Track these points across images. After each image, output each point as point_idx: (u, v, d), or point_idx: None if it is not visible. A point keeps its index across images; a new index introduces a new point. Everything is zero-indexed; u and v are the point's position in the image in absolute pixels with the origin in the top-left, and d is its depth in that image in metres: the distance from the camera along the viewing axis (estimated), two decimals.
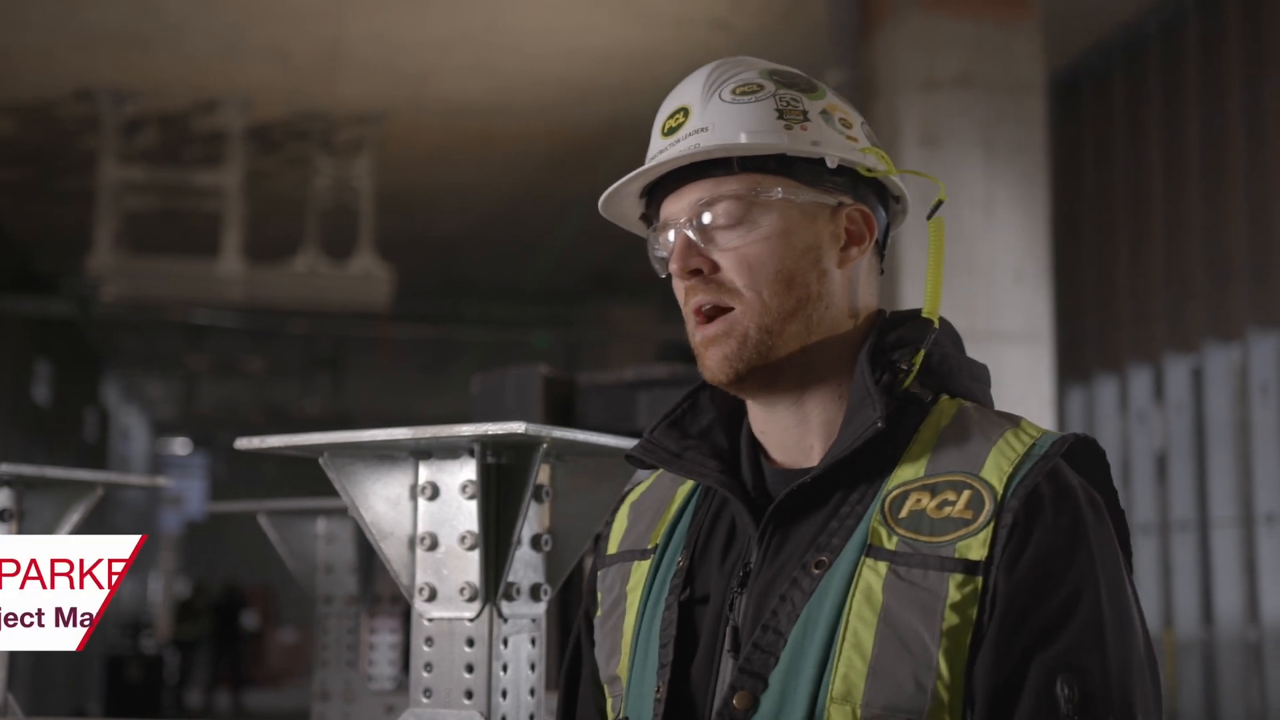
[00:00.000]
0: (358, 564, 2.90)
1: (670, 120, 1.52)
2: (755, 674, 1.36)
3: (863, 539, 1.36)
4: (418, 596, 1.76)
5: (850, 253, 1.49)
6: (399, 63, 10.04)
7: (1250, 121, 8.48)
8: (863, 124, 1.52)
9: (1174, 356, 8.97)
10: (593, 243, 14.96)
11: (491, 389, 3.29)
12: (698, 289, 1.46)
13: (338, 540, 2.93)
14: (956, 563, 1.31)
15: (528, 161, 12.24)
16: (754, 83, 1.48)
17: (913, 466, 1.40)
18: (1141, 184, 9.50)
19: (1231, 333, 8.49)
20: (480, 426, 1.65)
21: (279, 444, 1.76)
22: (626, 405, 3.23)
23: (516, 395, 3.21)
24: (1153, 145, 9.36)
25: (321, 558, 2.94)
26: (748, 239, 1.45)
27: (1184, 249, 9.03)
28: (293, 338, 16.27)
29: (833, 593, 1.35)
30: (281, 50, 9.82)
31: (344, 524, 2.89)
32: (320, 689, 2.88)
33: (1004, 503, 1.33)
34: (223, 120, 10.47)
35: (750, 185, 1.45)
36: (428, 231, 13.83)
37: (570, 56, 10.13)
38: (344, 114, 10.72)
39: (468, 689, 1.74)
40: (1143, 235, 9.48)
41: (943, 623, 1.30)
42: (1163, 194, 9.26)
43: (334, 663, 2.88)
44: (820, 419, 1.47)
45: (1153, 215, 9.36)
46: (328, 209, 10.99)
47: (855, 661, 1.31)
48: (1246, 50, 8.54)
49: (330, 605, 2.94)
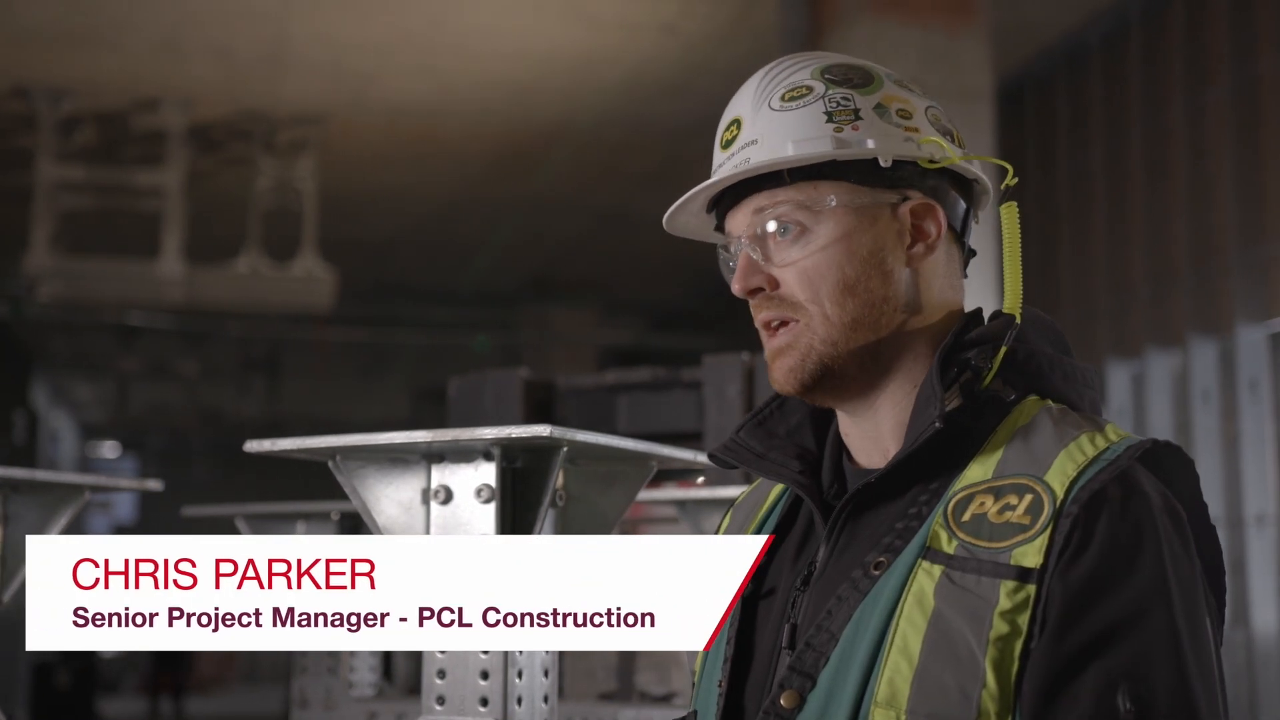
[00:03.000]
0: None
1: (726, 133, 1.50)
2: (805, 673, 1.34)
3: (923, 541, 1.34)
4: None
5: (917, 249, 1.46)
6: (342, 63, 9.96)
7: (1191, 130, 8.60)
8: (928, 109, 1.48)
9: (1116, 362, 9.08)
10: (532, 246, 14.91)
11: (469, 392, 3.26)
12: (763, 306, 1.45)
13: None
14: (1011, 569, 1.27)
15: (469, 164, 12.18)
16: (803, 85, 1.45)
17: (981, 467, 1.36)
18: (1083, 191, 9.61)
19: (1173, 339, 8.61)
20: (502, 430, 1.63)
21: (290, 447, 1.73)
22: (606, 409, 3.21)
23: (495, 398, 3.18)
24: (1095, 153, 9.47)
25: None
26: (806, 251, 1.42)
27: (1126, 255, 9.14)
28: (228, 340, 16.09)
29: (886, 595, 1.32)
30: (224, 49, 9.70)
31: (324, 528, 2.85)
32: (300, 696, 2.84)
33: (1063, 507, 1.29)
34: (163, 119, 10.32)
35: (804, 195, 1.43)
36: (366, 233, 13.73)
37: (514, 59, 10.08)
38: (286, 114, 10.61)
39: (483, 696, 1.72)
40: (1085, 242, 9.59)
41: (990, 631, 1.26)
42: (1105, 201, 9.37)
43: (313, 669, 2.83)
44: (894, 420, 1.45)
45: (1095, 222, 9.47)
46: (270, 210, 10.87)
47: (902, 666, 1.28)
48: (1188, 60, 8.67)
49: None
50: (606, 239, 14.60)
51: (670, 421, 3.16)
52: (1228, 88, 8.36)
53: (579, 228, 14.34)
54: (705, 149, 2.02)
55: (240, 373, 18.61)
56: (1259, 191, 8.17)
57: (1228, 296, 8.31)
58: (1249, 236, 8.21)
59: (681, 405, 3.20)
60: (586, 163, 12.24)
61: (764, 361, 3.44)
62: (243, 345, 16.94)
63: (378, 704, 2.86)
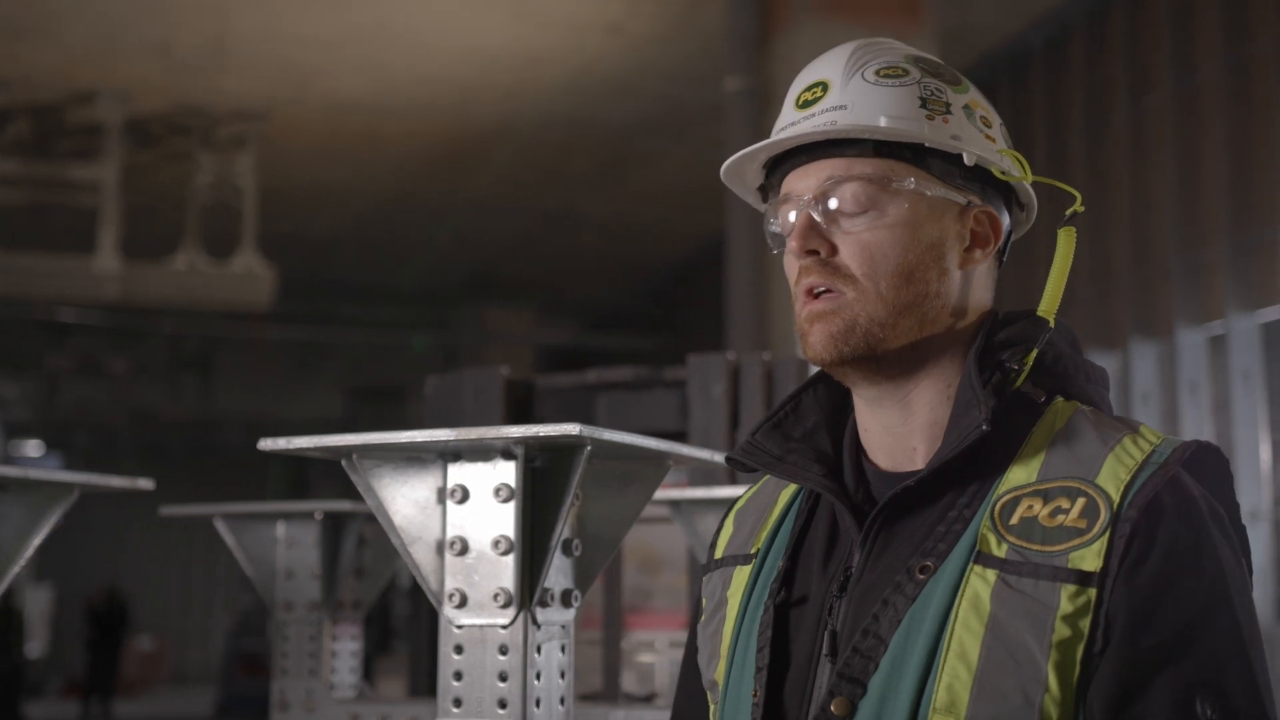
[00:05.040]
0: (321, 569, 2.81)
1: (807, 93, 1.45)
2: (854, 680, 1.32)
3: (970, 544, 1.31)
4: (447, 603, 1.70)
5: (974, 254, 1.45)
6: (284, 58, 9.86)
7: (1132, 133, 8.72)
8: (1001, 125, 1.48)
9: None
10: (472, 245, 14.84)
11: (447, 391, 3.22)
12: (812, 270, 1.41)
13: (299, 545, 2.83)
14: (1069, 573, 1.26)
15: (410, 162, 12.10)
16: (899, 66, 1.42)
17: (1024, 470, 1.35)
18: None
19: (1114, 341, 8.71)
20: (528, 429, 1.60)
21: (305, 445, 1.69)
22: (585, 408, 3.19)
23: (475, 397, 3.14)
24: (1037, 155, 9.56)
25: (282, 563, 2.84)
26: (873, 226, 1.39)
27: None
28: (160, 338, 15.88)
29: (937, 599, 1.30)
30: (163, 42, 9.57)
31: (305, 528, 2.80)
32: (280, 698, 2.79)
33: (1120, 512, 1.28)
34: (100, 113, 10.17)
35: (883, 170, 1.40)
36: (304, 231, 13.60)
37: (459, 56, 10.03)
38: (226, 109, 10.49)
39: (501, 698, 1.69)
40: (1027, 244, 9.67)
41: (1053, 635, 1.25)
42: (1046, 204, 9.47)
43: (294, 671, 2.78)
44: (925, 419, 1.43)
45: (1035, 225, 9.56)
46: (209, 206, 10.74)
47: (960, 672, 1.27)
48: (1129, 65, 8.78)
49: (291, 612, 2.84)
50: (547, 239, 14.56)
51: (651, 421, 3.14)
52: (1168, 93, 8.47)
53: (519, 227, 14.29)
54: (649, 149, 2.00)
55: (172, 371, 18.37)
56: (1198, 197, 8.29)
57: (1167, 299, 8.43)
58: (1188, 241, 8.33)
59: (663, 404, 3.19)
60: (529, 162, 12.20)
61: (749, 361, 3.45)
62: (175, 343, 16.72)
63: (359, 706, 2.82)
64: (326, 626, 2.84)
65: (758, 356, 3.24)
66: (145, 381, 19.36)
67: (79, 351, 17.36)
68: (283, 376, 19.41)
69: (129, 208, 10.42)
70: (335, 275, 15.50)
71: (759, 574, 1.50)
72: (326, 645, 2.84)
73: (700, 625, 1.57)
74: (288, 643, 2.85)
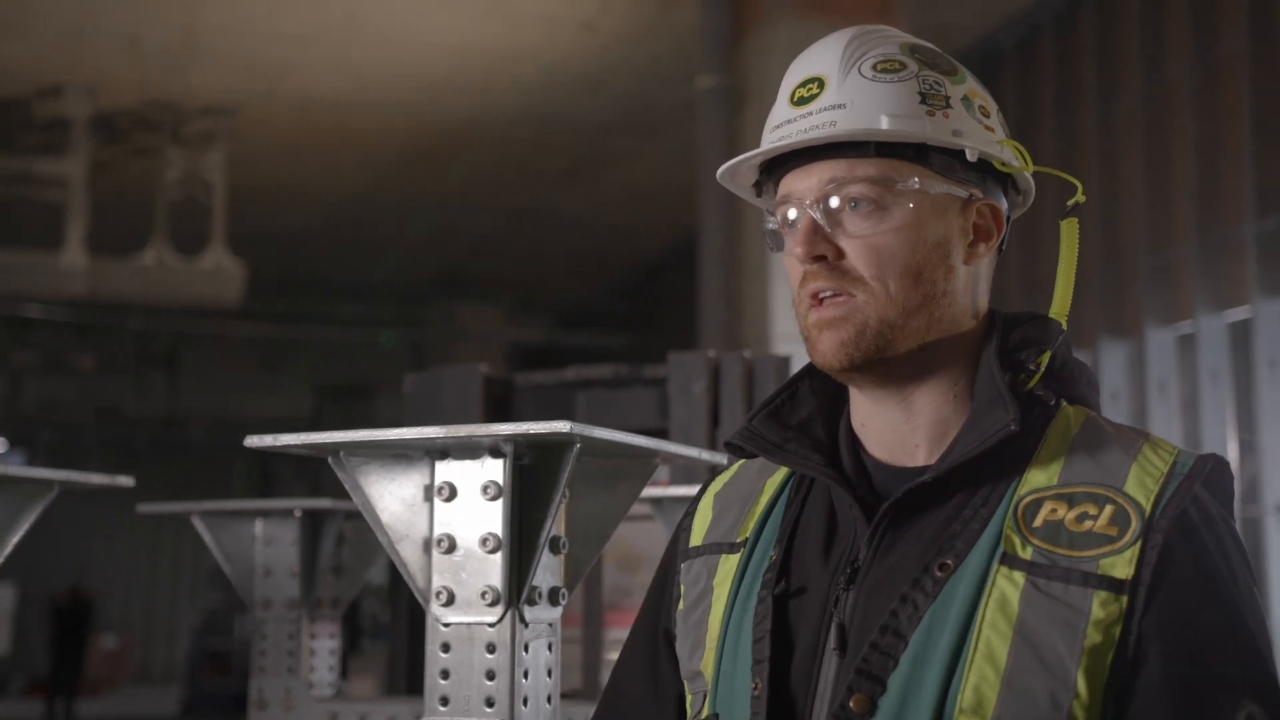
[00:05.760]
0: (300, 567, 2.79)
1: (802, 89, 1.42)
2: (874, 676, 1.30)
3: (992, 544, 1.31)
4: (434, 601, 1.69)
5: (978, 249, 1.43)
6: (255, 54, 9.80)
7: (1102, 135, 8.76)
8: (998, 112, 1.46)
9: None
10: (443, 242, 14.81)
11: (426, 388, 3.21)
12: (819, 274, 1.39)
13: (277, 542, 2.81)
14: (1101, 579, 1.27)
15: (381, 158, 12.05)
16: (896, 59, 1.40)
17: (1044, 473, 1.35)
18: None
19: (1084, 340, 8.76)
20: (518, 426, 1.59)
21: (292, 442, 1.68)
22: (564, 405, 3.18)
23: (454, 394, 3.13)
24: None
25: (260, 561, 2.82)
26: (879, 228, 1.38)
27: (1038, 258, 9.29)
28: (127, 334, 15.77)
29: (960, 598, 1.29)
30: (132, 37, 9.51)
31: (284, 526, 2.78)
32: (258, 697, 2.77)
33: (1152, 522, 1.29)
34: (67, 107, 10.09)
35: (887, 172, 1.38)
36: (274, 227, 13.53)
37: (431, 53, 10.00)
38: (196, 105, 10.43)
39: (489, 696, 1.68)
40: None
41: (1085, 641, 1.25)
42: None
43: (272, 669, 2.77)
44: (929, 417, 1.41)
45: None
46: (177, 202, 10.67)
47: (988, 673, 1.26)
48: (1099, 66, 8.83)
49: (269, 610, 2.82)
50: (518, 236, 14.53)
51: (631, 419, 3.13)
52: (1137, 94, 8.53)
53: (490, 224, 14.25)
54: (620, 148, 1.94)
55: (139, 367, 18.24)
56: (1167, 197, 8.34)
57: (1136, 300, 8.48)
58: (1157, 241, 8.38)
59: (642, 402, 3.19)
60: (500, 159, 12.17)
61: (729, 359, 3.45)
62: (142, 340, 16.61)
63: (338, 704, 2.80)
64: (305, 624, 2.83)
65: (738, 354, 3.24)
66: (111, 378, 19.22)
67: (44, 348, 17.22)
68: (251, 374, 19.31)
69: (96, 203, 10.34)
70: (305, 272, 15.43)
71: (748, 563, 1.48)
72: (305, 643, 2.83)
73: (681, 614, 1.55)
74: (266, 641, 2.83)
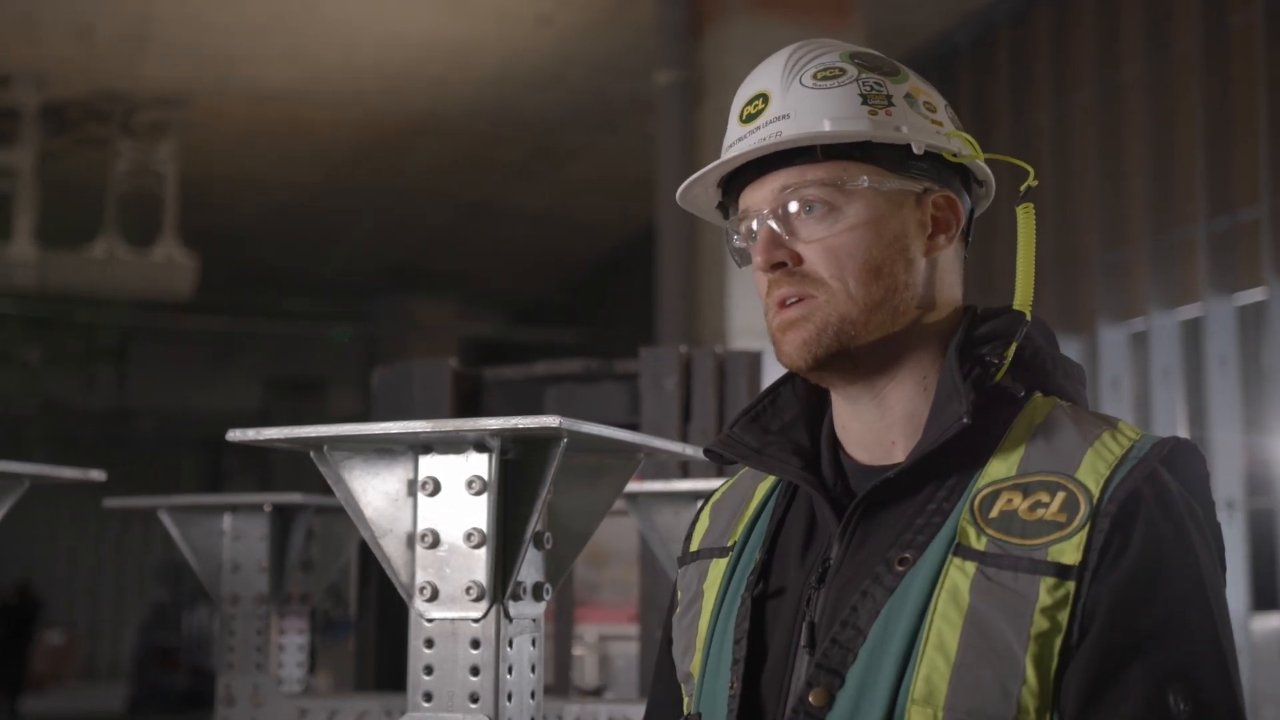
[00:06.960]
0: (269, 562, 2.77)
1: (749, 107, 1.46)
2: (832, 670, 1.32)
3: (949, 537, 1.32)
4: (418, 596, 1.68)
5: (937, 241, 1.45)
6: (208, 44, 9.71)
7: (1057, 132, 8.83)
8: (946, 107, 1.48)
9: None
10: (395, 236, 14.73)
11: (394, 382, 3.19)
12: (782, 281, 1.41)
13: (245, 538, 2.78)
14: (1049, 566, 1.27)
15: (334, 151, 11.97)
16: (835, 67, 1.43)
17: (1004, 464, 1.36)
18: None
19: None
20: (505, 421, 1.58)
21: (275, 436, 1.66)
22: (534, 400, 3.17)
23: (423, 389, 3.11)
24: None
25: (228, 555, 2.79)
26: (834, 229, 1.40)
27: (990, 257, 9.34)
28: (74, 327, 15.58)
29: (916, 591, 1.31)
30: (83, 26, 9.39)
31: (252, 521, 2.75)
32: (226, 693, 2.74)
33: (1100, 506, 1.29)
34: (15, 97, 9.97)
35: (835, 174, 1.40)
36: (226, 219, 13.42)
37: (386, 45, 9.94)
38: (147, 95, 10.32)
39: (473, 692, 1.67)
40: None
41: (1031, 627, 1.26)
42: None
43: (240, 665, 2.74)
44: (902, 413, 1.43)
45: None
46: (128, 193, 10.55)
47: (938, 663, 1.27)
48: (1053, 65, 8.89)
49: (237, 605, 2.79)
50: (470, 230, 14.47)
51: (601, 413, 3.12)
52: (1092, 93, 8.59)
53: (443, 218, 14.19)
54: (576, 142, 1.93)
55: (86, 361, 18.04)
56: (1120, 196, 8.42)
57: (1090, 297, 8.55)
58: (1111, 239, 8.45)
59: (613, 397, 3.18)
60: (454, 153, 12.12)
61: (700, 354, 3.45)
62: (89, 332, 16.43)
63: (307, 700, 2.78)
64: (274, 620, 2.80)
65: (709, 350, 3.24)
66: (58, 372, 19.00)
67: None
68: (200, 367, 19.14)
69: (46, 194, 10.21)
70: (256, 265, 15.30)
71: (735, 566, 1.50)
72: (274, 639, 2.80)
73: (676, 618, 1.57)
74: (234, 636, 2.80)
